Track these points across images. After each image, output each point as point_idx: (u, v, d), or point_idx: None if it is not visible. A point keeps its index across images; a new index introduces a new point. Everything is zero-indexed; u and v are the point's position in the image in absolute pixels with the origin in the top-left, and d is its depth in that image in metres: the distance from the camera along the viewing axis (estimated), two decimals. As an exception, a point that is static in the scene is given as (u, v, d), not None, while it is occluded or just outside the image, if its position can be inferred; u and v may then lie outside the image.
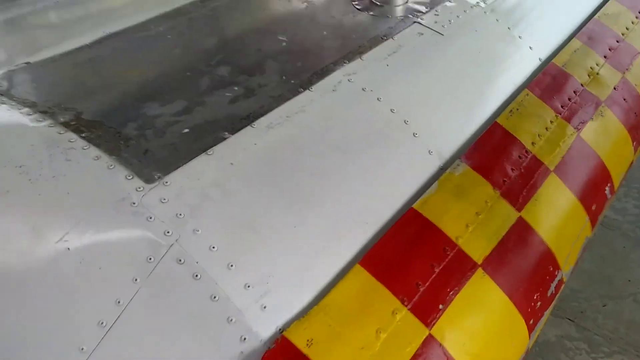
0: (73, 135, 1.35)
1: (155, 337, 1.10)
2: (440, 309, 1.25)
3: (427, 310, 1.23)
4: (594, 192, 1.70)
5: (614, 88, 1.99)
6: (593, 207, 1.67)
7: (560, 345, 2.54)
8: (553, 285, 1.46)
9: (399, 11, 2.01)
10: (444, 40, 1.89)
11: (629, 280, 2.87)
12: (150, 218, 1.18)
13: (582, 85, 1.93)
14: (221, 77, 1.62)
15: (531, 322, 1.38)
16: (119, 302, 1.10)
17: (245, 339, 1.11)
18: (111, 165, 1.28)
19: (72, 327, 1.09)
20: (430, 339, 1.20)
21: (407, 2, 2.05)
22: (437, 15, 1.99)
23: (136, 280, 1.12)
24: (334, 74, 1.64)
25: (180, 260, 1.14)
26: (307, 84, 1.59)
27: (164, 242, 1.15)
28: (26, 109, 1.45)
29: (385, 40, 1.82)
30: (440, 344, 1.21)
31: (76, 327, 1.09)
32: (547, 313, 1.46)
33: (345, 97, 1.58)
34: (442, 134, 1.61)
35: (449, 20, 1.96)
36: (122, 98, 1.55)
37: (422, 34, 1.89)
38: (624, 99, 1.98)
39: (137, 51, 1.80)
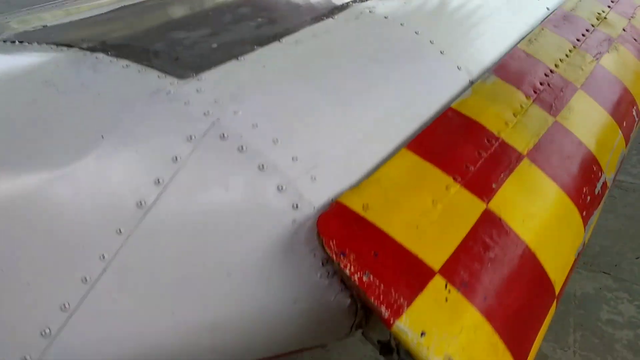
0: (99, 54, 1.32)
1: (200, 213, 1.03)
2: (493, 188, 1.19)
3: (481, 187, 1.18)
4: (623, 110, 1.68)
5: (623, 29, 2.02)
6: (624, 124, 1.65)
7: (600, 297, 2.47)
8: (599, 184, 1.41)
9: None
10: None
11: (658, 235, 2.83)
12: (188, 102, 1.14)
13: (592, 25, 1.96)
14: (243, 14, 1.62)
15: (584, 213, 1.31)
16: (158, 181, 1.04)
17: (297, 206, 1.04)
18: (141, 70, 1.24)
19: (109, 210, 1.02)
20: (488, 212, 1.14)
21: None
22: None
23: (176, 159, 1.06)
24: (353, 7, 1.65)
25: (223, 136, 1.09)
26: (329, 14, 1.59)
27: (204, 120, 1.10)
28: (47, 46, 1.43)
29: None
30: (500, 218, 1.14)
31: (113, 210, 1.02)
32: (596, 213, 1.40)
33: (369, 23, 1.58)
34: (468, 53, 1.61)
35: None
36: (146, 30, 1.54)
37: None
38: (635, 39, 2.01)
39: (155, 10, 1.81)
